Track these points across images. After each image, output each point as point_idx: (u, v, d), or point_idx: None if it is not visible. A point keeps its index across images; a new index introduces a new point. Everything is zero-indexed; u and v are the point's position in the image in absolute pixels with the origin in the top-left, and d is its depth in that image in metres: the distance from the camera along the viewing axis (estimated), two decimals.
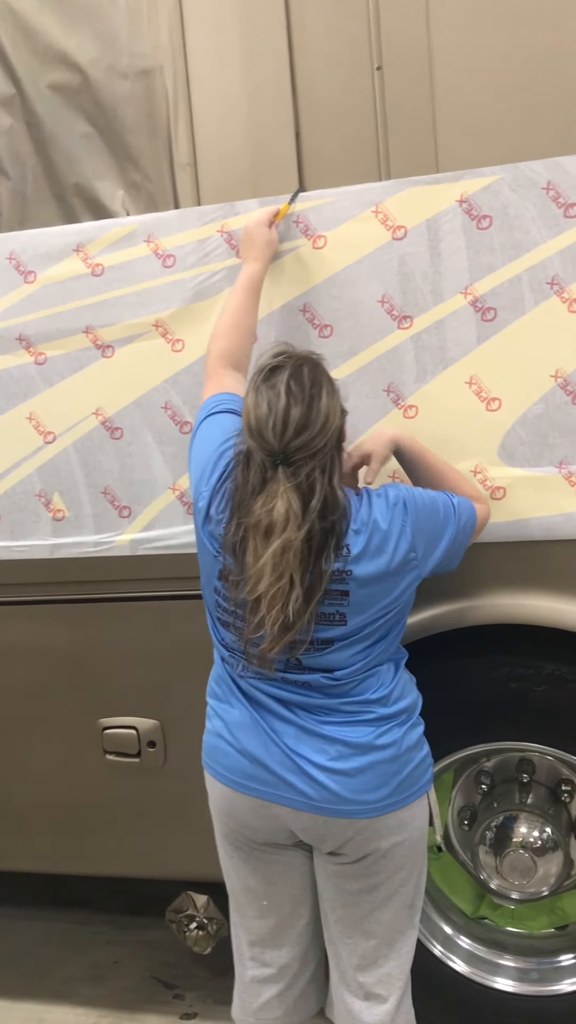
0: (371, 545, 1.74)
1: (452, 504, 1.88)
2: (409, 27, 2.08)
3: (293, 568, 1.65)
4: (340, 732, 1.82)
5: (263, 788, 1.85)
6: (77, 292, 2.33)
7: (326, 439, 1.68)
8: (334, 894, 1.92)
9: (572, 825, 2.45)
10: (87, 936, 3.18)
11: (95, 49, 2.27)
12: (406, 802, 1.85)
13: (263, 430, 1.67)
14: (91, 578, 2.45)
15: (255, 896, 1.98)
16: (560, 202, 2.03)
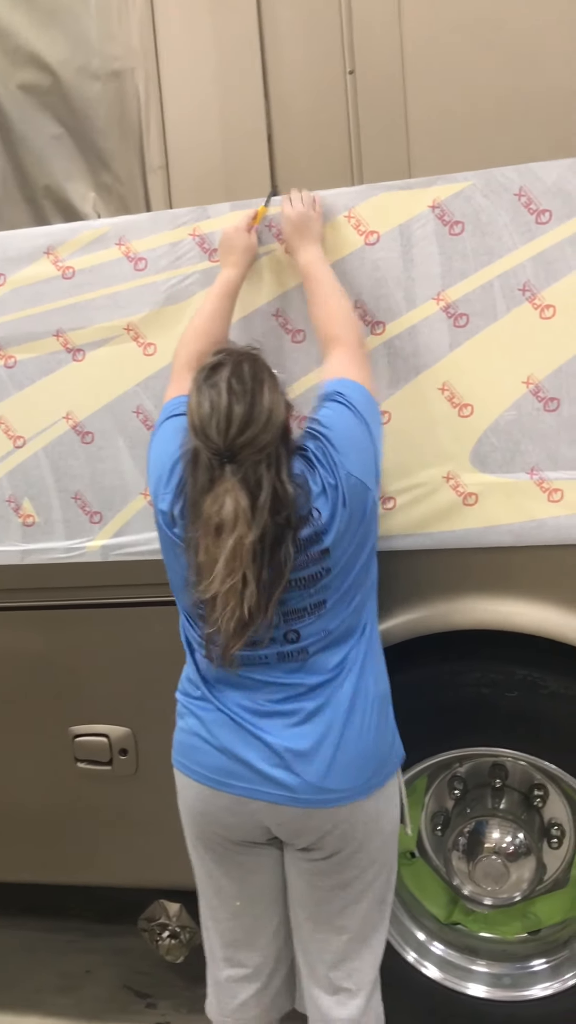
0: (334, 499, 1.76)
1: (347, 407, 1.84)
2: (382, 31, 2.07)
3: (246, 566, 1.66)
4: (317, 717, 1.83)
5: (242, 784, 1.84)
6: (47, 295, 2.31)
7: (271, 435, 1.68)
8: (306, 891, 1.92)
9: (544, 830, 2.45)
10: (59, 944, 3.15)
11: (66, 50, 2.24)
12: (381, 782, 1.88)
13: (207, 429, 1.67)
14: (62, 584, 2.43)
15: (228, 897, 1.97)
16: (532, 208, 2.03)
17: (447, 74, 2.06)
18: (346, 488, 1.76)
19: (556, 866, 2.48)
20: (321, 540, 1.76)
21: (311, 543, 1.76)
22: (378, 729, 1.87)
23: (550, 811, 2.45)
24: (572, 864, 2.47)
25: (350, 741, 1.83)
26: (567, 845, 2.46)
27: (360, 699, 1.85)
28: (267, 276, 2.17)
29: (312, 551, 1.76)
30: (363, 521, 1.80)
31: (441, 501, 2.16)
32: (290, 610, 1.79)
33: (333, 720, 1.83)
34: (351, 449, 1.79)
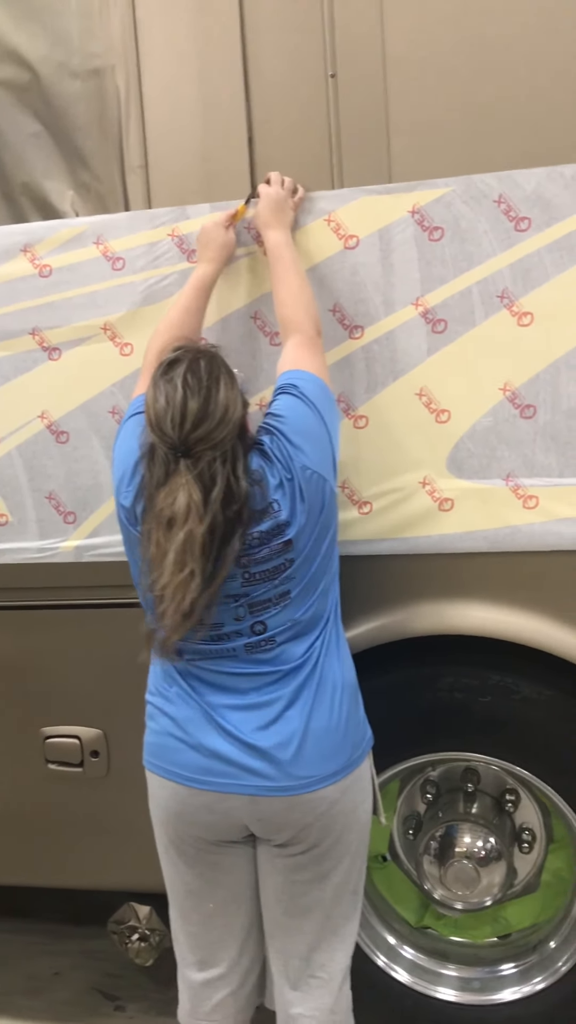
0: (292, 491, 1.78)
1: (301, 400, 1.85)
2: (364, 35, 2.07)
3: (195, 560, 1.67)
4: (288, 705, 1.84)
5: (219, 780, 1.84)
6: (24, 293, 2.29)
7: (226, 430, 1.70)
8: (282, 885, 1.93)
9: (515, 835, 2.46)
10: (27, 946, 3.12)
11: (46, 47, 2.22)
12: (355, 765, 1.90)
13: (162, 423, 1.69)
14: (35, 584, 2.41)
15: (200, 900, 1.97)
16: (512, 216, 2.03)
17: (428, 79, 2.06)
18: (302, 481, 1.78)
19: (527, 871, 2.49)
20: (283, 532, 1.77)
21: (273, 535, 1.77)
22: (349, 714, 1.89)
23: (521, 816, 2.46)
24: (543, 869, 2.48)
25: (322, 727, 1.85)
26: (538, 850, 2.47)
27: (329, 685, 1.87)
28: (245, 278, 2.16)
29: (274, 543, 1.77)
30: (322, 511, 1.82)
31: (417, 506, 2.16)
32: (255, 601, 1.80)
33: (304, 707, 1.84)
34: (305, 442, 1.81)
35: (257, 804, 1.84)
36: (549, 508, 2.10)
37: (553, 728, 2.22)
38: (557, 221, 2.01)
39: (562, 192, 2.00)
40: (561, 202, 2.00)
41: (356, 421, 2.17)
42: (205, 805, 1.87)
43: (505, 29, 2.02)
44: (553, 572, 2.14)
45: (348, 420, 2.17)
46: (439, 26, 2.04)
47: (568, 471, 2.08)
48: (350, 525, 2.19)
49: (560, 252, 2.02)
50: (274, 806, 1.84)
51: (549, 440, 2.08)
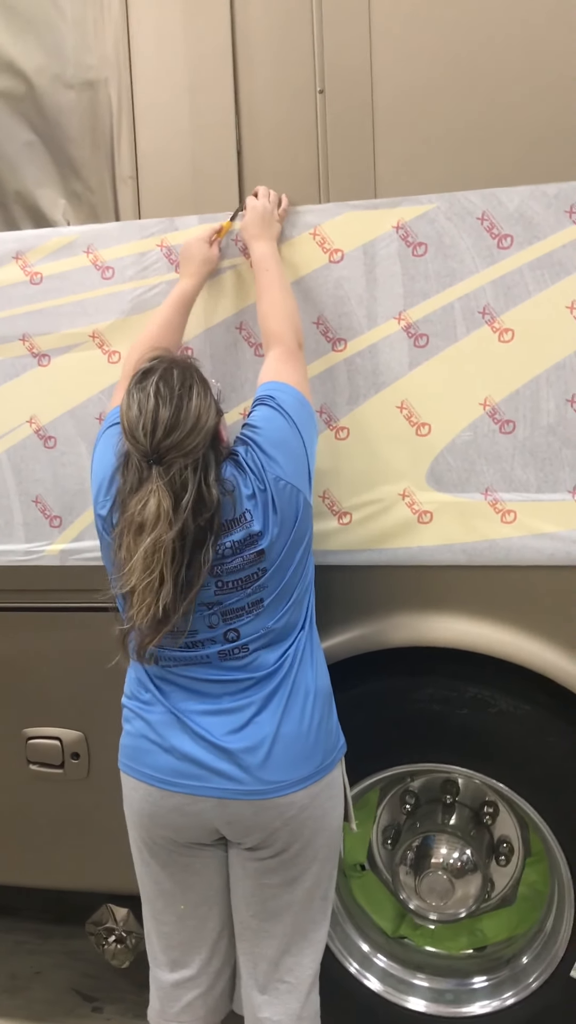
0: (264, 502, 1.80)
1: (277, 412, 1.88)
2: (352, 52, 2.10)
3: (164, 564, 1.69)
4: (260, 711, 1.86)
5: (191, 783, 1.87)
6: (15, 299, 2.32)
7: (198, 439, 1.72)
8: (253, 889, 1.94)
9: (493, 847, 2.47)
10: (9, 945, 3.15)
11: (41, 58, 2.26)
12: (326, 772, 1.91)
13: (135, 431, 1.72)
14: (20, 587, 2.44)
15: (172, 901, 1.99)
16: (494, 233, 2.05)
17: (415, 96, 2.08)
18: (275, 492, 1.80)
19: (504, 883, 2.50)
20: (256, 543, 1.80)
21: (246, 545, 1.80)
22: (321, 721, 1.91)
23: (500, 828, 2.47)
24: (520, 882, 2.49)
25: (293, 733, 1.87)
26: (515, 863, 2.48)
27: (301, 692, 1.89)
28: (231, 290, 2.19)
29: (247, 553, 1.80)
30: (296, 522, 1.84)
31: (396, 518, 2.18)
32: (228, 610, 1.83)
33: (275, 713, 1.86)
34: (280, 453, 1.83)
35: (227, 807, 1.87)
36: (527, 523, 2.11)
37: (529, 742, 2.23)
38: (539, 239, 2.03)
39: (544, 211, 2.02)
40: (543, 220, 2.02)
41: (338, 432, 2.19)
42: (176, 807, 1.89)
43: (490, 48, 2.04)
44: (530, 587, 2.15)
45: (330, 431, 2.19)
46: (426, 44, 2.06)
47: (546, 487, 2.10)
48: (330, 535, 2.21)
49: (542, 270, 2.04)
50: (243, 809, 1.86)
51: (528, 456, 2.10)
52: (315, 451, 1.94)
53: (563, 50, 2.00)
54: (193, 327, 2.20)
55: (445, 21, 2.05)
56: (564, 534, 2.09)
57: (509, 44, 2.03)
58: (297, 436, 1.87)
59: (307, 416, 1.92)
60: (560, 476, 2.09)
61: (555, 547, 2.10)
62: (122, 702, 1.99)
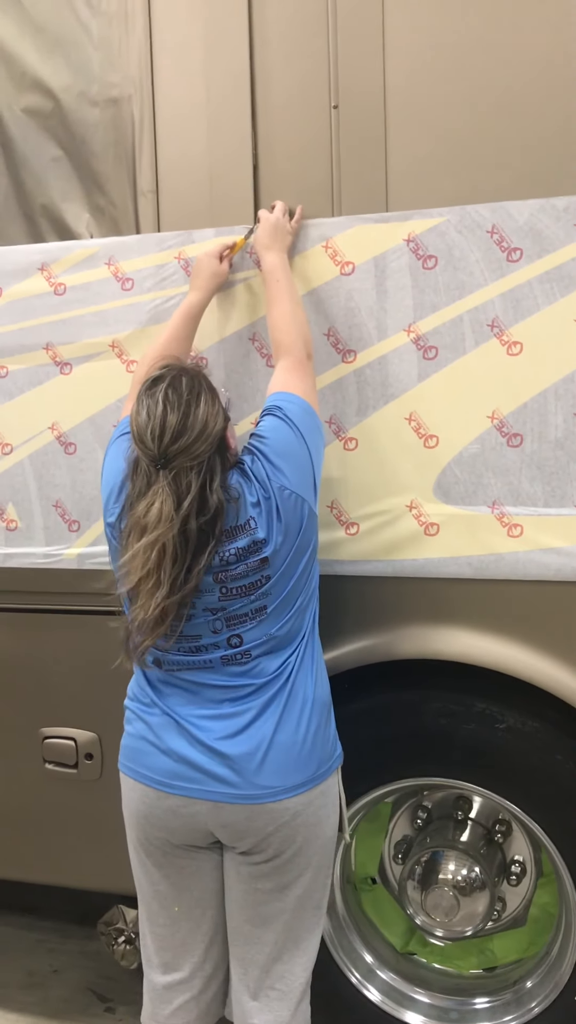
0: (268, 510, 1.82)
1: (285, 422, 1.90)
2: (365, 68, 2.12)
3: (164, 567, 1.73)
4: (258, 718, 1.88)
5: (187, 785, 1.89)
6: (40, 309, 2.40)
7: (204, 445, 1.76)
8: (245, 894, 1.96)
9: (504, 867, 2.44)
10: (30, 943, 3.21)
11: (68, 76, 2.33)
12: (320, 780, 1.92)
13: (143, 436, 1.76)
14: (40, 589, 2.50)
15: (166, 903, 2.01)
16: (504, 246, 2.05)
17: (427, 111, 2.10)
18: (279, 501, 1.82)
19: (516, 904, 2.46)
20: (260, 550, 1.82)
21: (250, 553, 1.82)
22: (318, 730, 1.92)
23: (513, 848, 2.44)
24: (532, 903, 2.45)
25: (289, 740, 1.88)
26: (527, 883, 2.45)
27: (300, 700, 1.90)
28: (244, 301, 2.22)
29: (251, 560, 1.82)
30: (300, 531, 1.86)
31: (403, 529, 2.18)
32: (232, 615, 1.85)
33: (272, 720, 1.88)
34: (285, 463, 1.85)
35: (221, 810, 1.88)
36: (533, 537, 2.10)
37: (536, 760, 2.20)
38: (548, 252, 2.02)
39: (554, 224, 2.01)
40: (553, 234, 2.02)
41: (346, 443, 2.20)
42: (171, 809, 1.92)
43: (500, 65, 2.04)
44: (538, 602, 2.13)
45: (339, 442, 2.21)
46: (437, 61, 2.08)
47: (553, 501, 2.08)
48: (337, 545, 2.22)
49: (551, 283, 2.03)
50: (237, 813, 1.88)
51: (535, 469, 2.08)
52: (321, 461, 1.96)
53: (573, 65, 1.99)
54: (207, 338, 2.24)
55: (456, 38, 2.06)
56: (571, 549, 2.07)
57: (518, 61, 2.04)
58: (303, 446, 1.89)
59: (313, 426, 1.95)
60: (567, 491, 2.07)
61: (561, 562, 2.08)
62: (125, 703, 2.03)
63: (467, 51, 2.06)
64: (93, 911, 3.16)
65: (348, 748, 2.12)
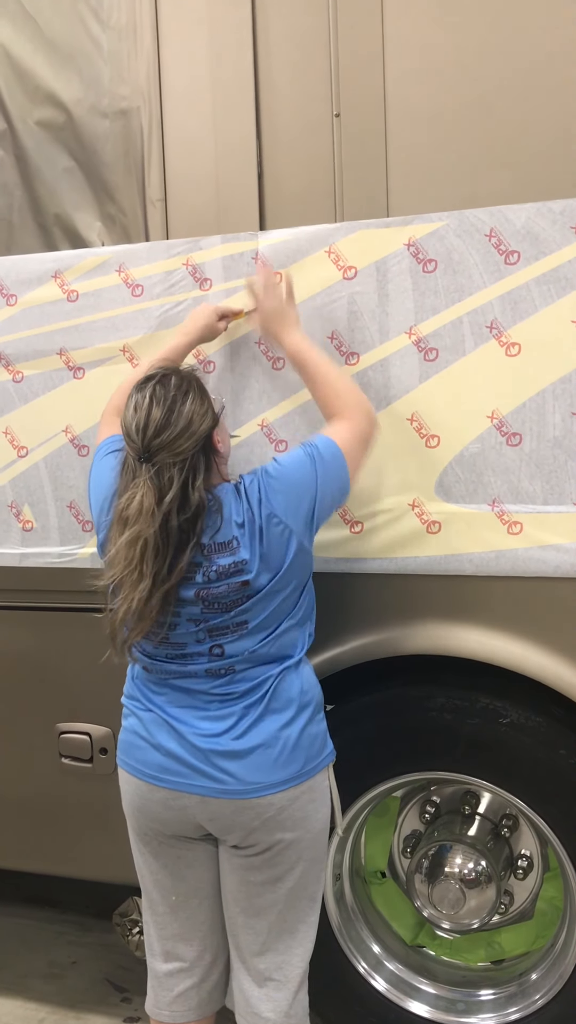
0: (252, 532, 1.86)
1: (309, 455, 1.91)
2: (367, 78, 2.17)
3: (147, 560, 1.78)
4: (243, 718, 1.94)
5: (175, 779, 1.95)
6: (53, 316, 2.46)
7: (189, 442, 1.81)
8: (239, 885, 2.01)
9: (511, 861, 2.47)
10: (51, 935, 3.28)
11: (80, 90, 2.41)
12: (306, 777, 1.95)
13: (130, 430, 1.83)
14: (55, 587, 2.57)
15: (165, 892, 2.07)
16: (502, 249, 2.09)
17: (426, 119, 2.14)
18: (264, 525, 1.86)
19: (523, 897, 2.50)
20: (241, 572, 1.87)
21: (232, 573, 1.87)
22: (303, 729, 1.96)
23: (520, 842, 2.47)
24: (539, 896, 2.48)
25: (274, 739, 1.93)
26: (534, 877, 2.48)
27: (284, 702, 1.95)
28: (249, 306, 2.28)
29: (232, 582, 1.87)
30: (284, 564, 1.88)
31: (406, 527, 2.22)
32: (214, 627, 1.91)
33: (258, 722, 1.93)
34: (286, 492, 1.88)
35: (208, 804, 1.95)
36: (533, 534, 2.13)
37: (539, 755, 2.23)
38: (545, 255, 2.06)
39: (550, 227, 2.05)
40: (549, 236, 2.05)
41: None
42: (162, 801, 1.98)
43: (498, 74, 2.09)
44: (539, 598, 2.16)
45: None
46: (436, 71, 2.13)
47: (552, 499, 2.11)
48: (341, 543, 2.27)
49: (548, 285, 2.07)
50: (223, 808, 1.94)
51: (534, 468, 2.12)
52: (329, 509, 1.94)
53: (570, 72, 2.03)
54: (215, 342, 2.30)
55: (455, 48, 2.11)
56: (569, 546, 2.10)
57: (516, 69, 2.08)
58: (313, 484, 1.89)
59: (336, 475, 1.92)
60: (566, 488, 2.10)
61: (560, 559, 2.11)
62: (122, 700, 2.10)
63: (465, 61, 2.11)
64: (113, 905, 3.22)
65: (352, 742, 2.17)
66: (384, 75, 2.16)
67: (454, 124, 2.12)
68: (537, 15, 2.06)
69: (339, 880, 2.52)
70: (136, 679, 2.05)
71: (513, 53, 2.07)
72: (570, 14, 2.04)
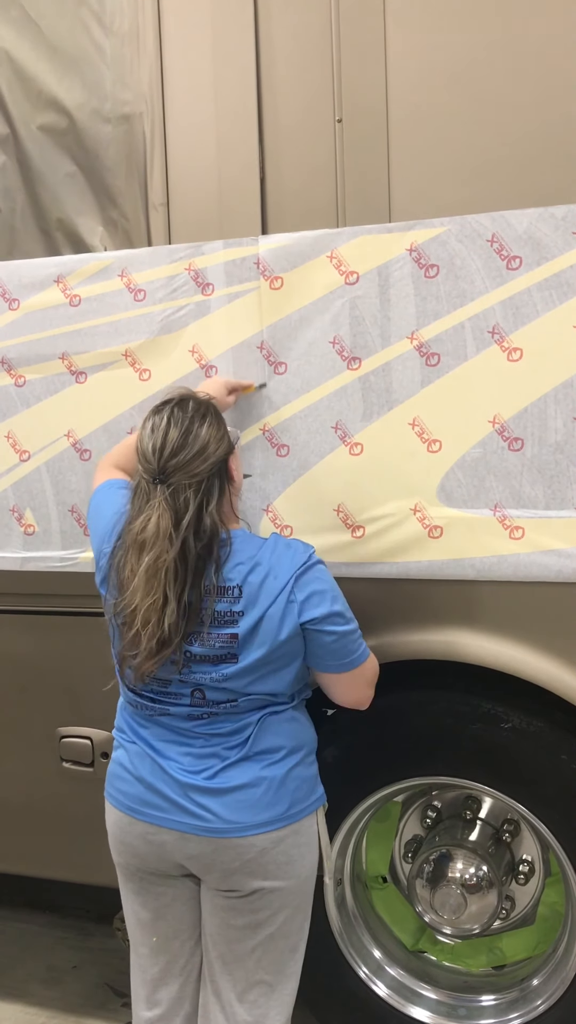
0: (258, 584, 1.85)
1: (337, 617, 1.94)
2: (368, 83, 2.19)
3: (167, 584, 1.76)
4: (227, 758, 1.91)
5: (154, 813, 1.93)
6: (55, 320, 2.47)
7: (204, 465, 1.80)
8: (219, 928, 1.96)
9: (512, 866, 2.47)
10: (52, 940, 3.28)
11: (82, 94, 2.42)
12: (290, 821, 1.92)
13: (146, 451, 1.82)
14: (56, 592, 2.57)
15: (146, 931, 2.04)
16: (504, 254, 2.09)
17: (428, 124, 2.15)
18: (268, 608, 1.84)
19: (525, 902, 2.49)
20: (235, 622, 1.84)
21: (223, 622, 1.84)
22: (290, 771, 1.93)
23: (521, 847, 2.47)
24: (541, 901, 2.48)
25: (258, 779, 1.90)
26: (535, 882, 2.47)
27: (270, 745, 1.92)
28: (252, 310, 2.28)
29: (223, 632, 1.84)
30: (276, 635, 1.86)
31: (408, 532, 2.22)
32: (197, 678, 1.87)
33: (242, 762, 1.91)
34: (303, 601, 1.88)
35: (188, 841, 1.91)
36: (534, 539, 2.13)
37: (541, 759, 2.23)
38: (547, 260, 2.06)
39: (552, 232, 2.05)
40: (551, 242, 2.05)
41: (352, 448, 2.25)
42: (141, 835, 1.95)
43: (500, 79, 2.10)
44: (538, 603, 2.17)
45: (344, 447, 2.25)
46: (438, 75, 2.14)
47: (554, 504, 2.11)
48: (343, 548, 2.27)
49: (550, 290, 2.07)
50: (202, 846, 1.90)
51: (536, 473, 2.12)
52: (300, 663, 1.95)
53: (570, 77, 2.04)
54: (216, 346, 2.30)
55: (456, 55, 2.13)
56: (571, 551, 2.10)
57: (517, 74, 2.09)
58: (301, 641, 1.90)
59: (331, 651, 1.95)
60: (568, 493, 2.10)
61: (562, 564, 2.11)
62: (112, 733, 2.09)
63: (467, 65, 2.12)
64: (113, 909, 3.20)
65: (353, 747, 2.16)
66: (386, 80, 2.17)
67: (456, 129, 2.13)
68: (541, 19, 2.06)
69: (340, 885, 2.52)
70: (123, 711, 2.04)
71: (515, 58, 2.08)
72: (574, 18, 2.04)
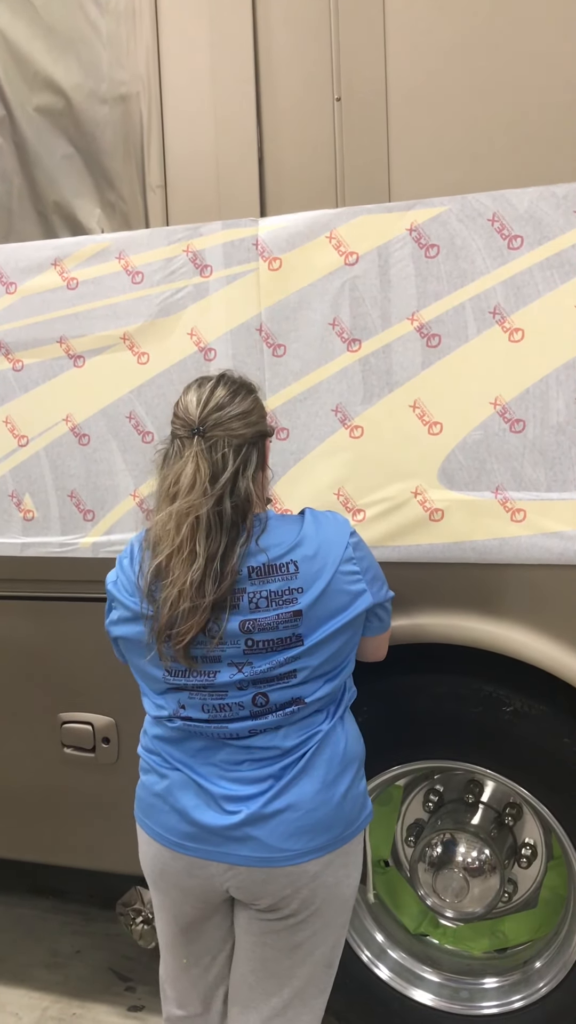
0: (311, 558, 1.76)
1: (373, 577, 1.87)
2: (367, 61, 2.16)
3: (199, 538, 1.66)
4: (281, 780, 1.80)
5: (200, 847, 1.82)
6: (53, 304, 2.45)
7: (244, 429, 1.74)
8: (255, 947, 1.89)
9: (515, 849, 2.46)
10: (55, 925, 3.28)
11: (79, 75, 2.39)
12: (344, 842, 1.85)
13: (188, 405, 1.76)
14: (56, 577, 2.56)
15: (178, 950, 1.98)
16: (504, 234, 2.07)
17: (427, 103, 2.12)
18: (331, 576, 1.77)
19: (527, 886, 2.49)
20: (295, 599, 1.73)
21: (282, 601, 1.73)
22: (346, 791, 1.84)
23: (524, 831, 2.46)
24: (543, 885, 2.48)
25: (312, 804, 1.80)
26: (537, 865, 2.47)
27: (326, 762, 1.82)
28: (251, 292, 2.26)
29: (284, 611, 1.73)
30: (342, 612, 1.78)
31: (408, 515, 2.21)
32: (259, 676, 1.75)
33: (297, 783, 1.80)
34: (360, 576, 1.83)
35: (237, 872, 1.82)
36: (536, 522, 2.12)
37: (543, 743, 2.22)
38: (549, 239, 2.04)
39: (554, 211, 2.03)
40: (553, 221, 2.03)
41: (352, 431, 2.24)
42: (185, 869, 1.85)
43: (500, 57, 2.07)
44: (540, 585, 2.15)
45: (344, 430, 2.24)
46: (438, 55, 2.11)
47: (555, 486, 2.10)
48: None
49: (551, 270, 2.05)
50: (253, 876, 1.80)
51: (538, 455, 2.10)
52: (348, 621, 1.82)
53: (570, 56, 2.01)
54: (215, 329, 2.29)
55: (456, 33, 2.09)
56: (573, 533, 2.09)
57: (518, 52, 2.06)
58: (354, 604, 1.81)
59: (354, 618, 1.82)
60: (569, 475, 2.09)
61: (564, 546, 2.10)
62: (139, 751, 1.98)
63: (467, 43, 2.09)
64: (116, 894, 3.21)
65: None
66: (385, 59, 2.14)
67: (456, 108, 2.11)
68: None
69: None
70: (156, 736, 1.90)
71: (516, 36, 2.05)
72: None
